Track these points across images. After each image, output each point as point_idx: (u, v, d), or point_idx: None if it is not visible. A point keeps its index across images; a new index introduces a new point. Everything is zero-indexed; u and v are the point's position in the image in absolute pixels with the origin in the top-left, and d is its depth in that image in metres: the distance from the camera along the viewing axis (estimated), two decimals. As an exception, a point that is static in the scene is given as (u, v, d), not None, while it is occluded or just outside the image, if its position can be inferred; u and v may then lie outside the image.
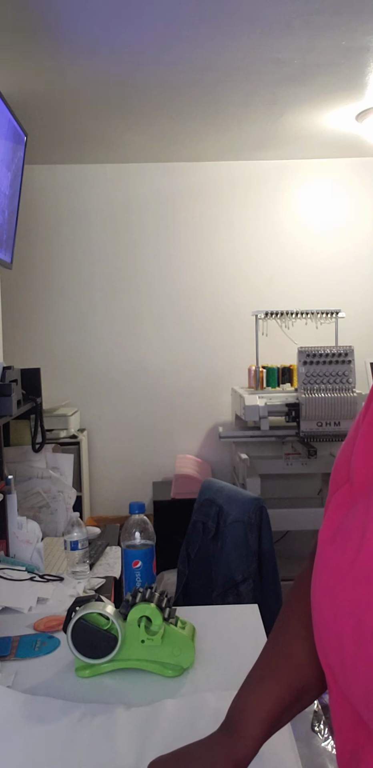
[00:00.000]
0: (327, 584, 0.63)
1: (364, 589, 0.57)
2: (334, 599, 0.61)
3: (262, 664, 0.78)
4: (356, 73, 2.84)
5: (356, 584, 0.58)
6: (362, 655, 0.56)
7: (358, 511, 0.61)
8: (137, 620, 1.16)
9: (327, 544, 0.65)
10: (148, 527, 1.52)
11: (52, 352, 4.04)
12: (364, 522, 0.59)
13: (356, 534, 0.60)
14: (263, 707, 0.73)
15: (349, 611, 0.58)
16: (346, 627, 0.58)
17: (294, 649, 0.75)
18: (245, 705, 0.74)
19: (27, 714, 1.05)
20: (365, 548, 0.58)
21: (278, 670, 0.75)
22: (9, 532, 1.83)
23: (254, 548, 2.02)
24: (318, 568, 0.66)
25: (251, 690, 0.75)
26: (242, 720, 0.73)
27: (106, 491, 4.12)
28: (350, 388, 3.32)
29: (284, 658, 0.76)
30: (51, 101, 3.09)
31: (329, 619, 0.62)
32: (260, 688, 0.75)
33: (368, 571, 0.57)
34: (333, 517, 0.66)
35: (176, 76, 2.85)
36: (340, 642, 0.60)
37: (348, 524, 0.62)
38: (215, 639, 1.30)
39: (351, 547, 0.60)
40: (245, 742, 0.71)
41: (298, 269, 4.12)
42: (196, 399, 4.15)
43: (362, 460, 0.66)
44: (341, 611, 0.59)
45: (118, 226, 4.11)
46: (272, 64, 2.74)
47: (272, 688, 0.74)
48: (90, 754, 0.95)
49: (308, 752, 1.48)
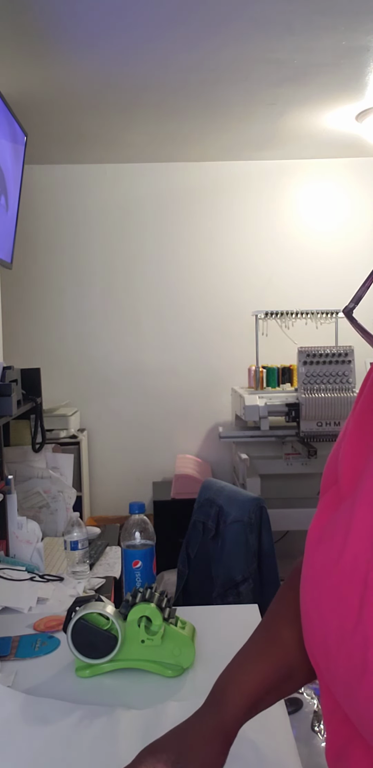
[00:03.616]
0: (313, 584, 0.64)
1: (346, 590, 0.58)
2: (319, 599, 0.62)
3: (248, 644, 0.80)
4: (356, 73, 2.84)
5: (339, 585, 0.59)
6: (342, 652, 0.58)
7: (343, 512, 0.62)
8: (137, 620, 1.16)
9: (314, 545, 0.66)
10: (148, 527, 1.52)
11: (52, 352, 4.04)
12: (348, 523, 0.61)
13: (340, 535, 0.61)
14: (247, 682, 0.74)
15: (332, 611, 0.60)
16: (329, 626, 0.60)
17: (282, 631, 0.77)
18: (228, 678, 0.76)
19: (27, 714, 1.05)
20: (348, 549, 0.59)
21: (264, 650, 0.77)
22: (9, 532, 1.83)
23: (254, 548, 2.02)
24: (305, 568, 0.67)
25: (235, 666, 0.77)
26: (226, 692, 0.74)
27: (106, 491, 4.12)
28: (350, 388, 3.32)
29: (271, 639, 0.78)
30: (51, 101, 3.09)
31: (314, 618, 0.63)
32: (244, 665, 0.77)
33: (350, 572, 0.58)
34: (321, 518, 0.67)
35: (176, 76, 2.85)
36: (324, 640, 0.61)
37: (334, 525, 0.63)
38: (215, 639, 1.30)
39: (335, 548, 0.61)
40: (231, 712, 0.73)
41: (298, 269, 4.12)
42: (196, 399, 4.15)
43: (348, 460, 0.67)
44: (325, 611, 0.61)
45: (118, 226, 4.11)
46: (272, 64, 2.74)
47: (257, 666, 0.76)
48: (91, 756, 0.95)
49: (308, 752, 1.48)
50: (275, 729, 1.00)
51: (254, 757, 0.93)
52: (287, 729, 1.02)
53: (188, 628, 1.21)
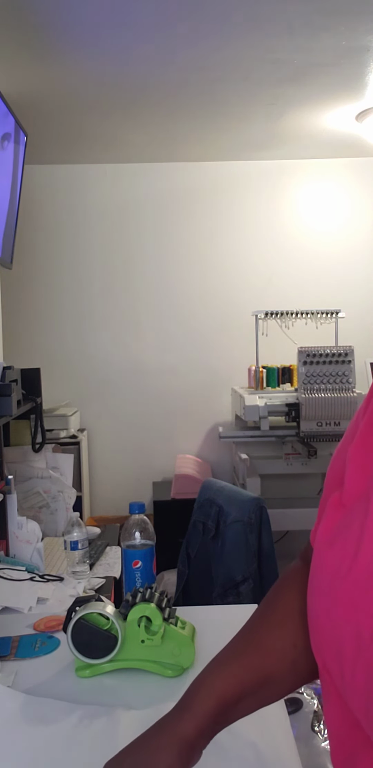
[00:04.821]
0: (324, 589, 0.62)
1: (361, 597, 0.56)
2: (332, 604, 0.60)
3: (226, 647, 0.77)
4: (356, 73, 2.84)
5: (354, 591, 0.57)
6: (361, 663, 0.56)
7: (355, 516, 0.61)
8: (137, 620, 1.16)
9: (325, 548, 0.64)
10: (148, 527, 1.52)
11: (52, 352, 4.04)
12: (361, 528, 0.59)
13: (353, 540, 0.59)
14: (218, 685, 0.71)
15: (347, 618, 0.58)
16: (344, 633, 0.58)
17: (262, 636, 0.75)
18: (199, 682, 0.73)
19: (27, 714, 1.05)
20: (362, 555, 0.57)
21: (241, 653, 0.74)
22: (9, 532, 1.83)
23: (254, 548, 2.02)
24: (315, 571, 0.65)
25: (209, 669, 0.74)
26: (194, 696, 0.71)
27: (106, 491, 4.12)
28: (350, 388, 3.32)
29: (250, 643, 0.75)
30: (51, 101, 3.09)
31: (326, 624, 0.61)
32: (218, 668, 0.73)
33: (365, 579, 0.57)
34: (331, 519, 0.65)
35: (176, 76, 2.85)
36: (338, 648, 0.59)
37: (345, 529, 0.61)
38: (214, 639, 1.29)
39: (348, 553, 0.59)
40: (193, 716, 0.69)
41: (298, 269, 4.12)
42: (196, 399, 4.15)
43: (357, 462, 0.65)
44: (339, 617, 0.59)
45: (118, 226, 4.11)
46: (272, 64, 2.74)
47: (232, 669, 0.72)
48: (91, 756, 0.95)
49: (308, 752, 1.48)
50: (275, 729, 1.00)
51: (254, 757, 0.93)
52: (287, 729, 1.02)
53: (187, 628, 1.21)
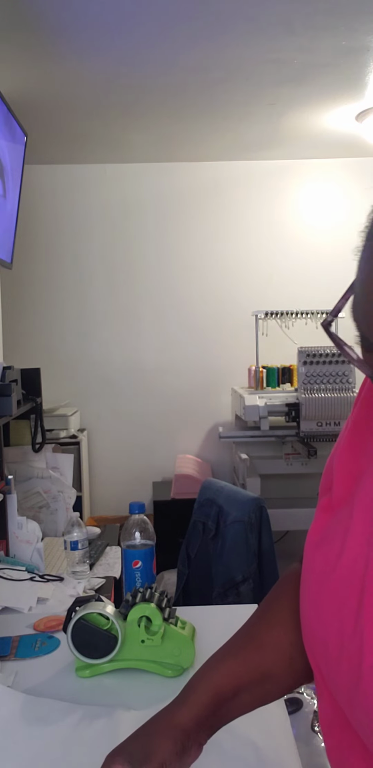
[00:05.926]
0: (313, 588, 0.64)
1: (344, 594, 0.59)
2: (319, 603, 0.62)
3: (226, 644, 0.78)
4: (356, 73, 2.84)
5: (338, 590, 0.60)
6: (345, 657, 0.58)
7: (341, 518, 0.63)
8: (137, 620, 1.16)
9: (313, 549, 0.66)
10: (148, 527, 1.52)
11: (52, 352, 4.04)
12: (346, 528, 0.61)
13: (339, 539, 0.62)
14: (215, 678, 0.73)
15: (332, 614, 0.60)
16: (330, 630, 0.60)
17: (261, 634, 0.76)
18: (197, 676, 0.75)
19: (27, 714, 1.05)
20: (346, 554, 0.60)
21: (240, 650, 0.76)
22: (9, 532, 1.83)
23: (254, 548, 2.02)
24: (305, 572, 0.67)
25: (207, 664, 0.76)
26: (190, 688, 0.73)
27: (106, 491, 4.12)
28: (350, 388, 3.32)
29: (248, 639, 0.77)
30: (51, 101, 3.09)
31: (315, 622, 0.63)
32: (216, 663, 0.75)
33: (348, 576, 0.59)
34: (320, 521, 0.67)
35: (176, 77, 2.85)
36: (325, 645, 0.61)
37: (332, 531, 0.64)
38: (214, 639, 1.29)
39: (334, 552, 0.62)
40: (189, 706, 0.71)
41: (298, 269, 4.12)
42: (196, 399, 4.15)
43: (344, 466, 0.67)
44: (325, 615, 0.61)
45: (118, 226, 4.11)
46: (272, 64, 2.74)
47: (229, 663, 0.74)
48: (91, 756, 0.95)
49: (308, 752, 1.48)
50: (275, 729, 1.00)
51: (254, 757, 0.93)
52: (287, 729, 1.02)
53: (187, 628, 1.21)
